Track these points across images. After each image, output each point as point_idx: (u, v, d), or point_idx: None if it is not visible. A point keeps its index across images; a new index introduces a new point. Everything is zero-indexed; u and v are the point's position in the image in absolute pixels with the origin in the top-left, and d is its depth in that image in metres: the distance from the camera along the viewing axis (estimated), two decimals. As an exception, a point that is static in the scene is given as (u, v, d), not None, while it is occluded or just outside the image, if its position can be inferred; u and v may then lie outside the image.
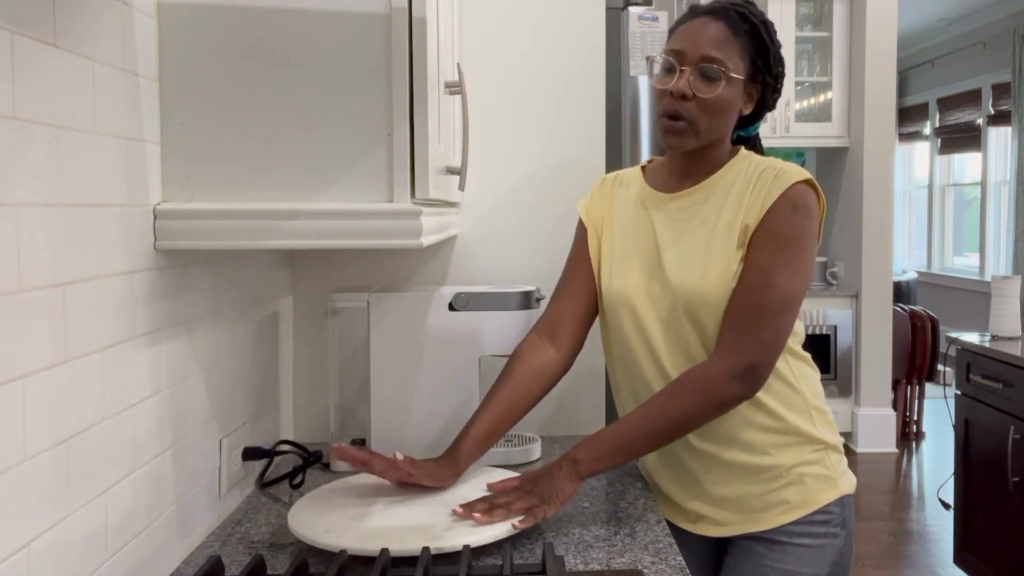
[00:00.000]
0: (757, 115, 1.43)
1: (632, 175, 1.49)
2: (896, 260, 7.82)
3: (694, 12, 1.35)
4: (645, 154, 2.01)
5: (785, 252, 1.29)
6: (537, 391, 1.44)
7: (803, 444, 1.37)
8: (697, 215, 1.36)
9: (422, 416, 1.61)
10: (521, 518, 1.23)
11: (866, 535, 3.88)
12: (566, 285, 1.50)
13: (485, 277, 1.86)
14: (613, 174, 1.53)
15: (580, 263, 1.49)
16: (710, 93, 1.31)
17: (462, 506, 1.26)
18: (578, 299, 1.48)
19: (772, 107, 1.42)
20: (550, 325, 1.48)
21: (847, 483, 1.40)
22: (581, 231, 1.51)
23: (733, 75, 1.32)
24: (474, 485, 1.39)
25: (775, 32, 1.38)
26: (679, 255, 1.35)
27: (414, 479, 1.34)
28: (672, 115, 1.33)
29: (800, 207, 1.30)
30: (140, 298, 1.10)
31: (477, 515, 1.23)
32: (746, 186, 1.34)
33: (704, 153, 1.38)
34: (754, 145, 1.49)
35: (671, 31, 1.38)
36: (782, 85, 1.40)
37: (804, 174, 1.32)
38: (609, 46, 1.89)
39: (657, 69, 1.36)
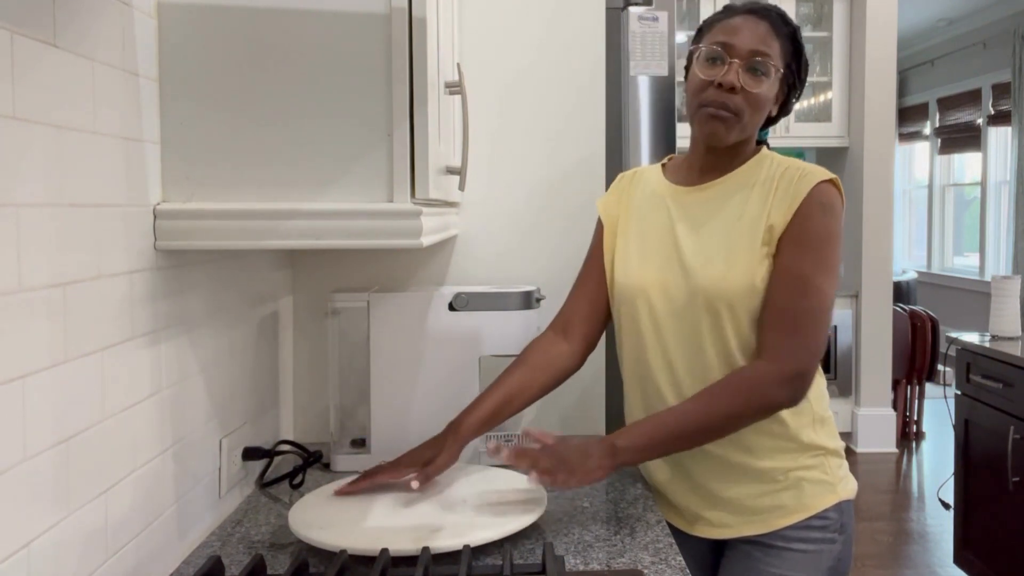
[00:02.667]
0: (776, 118, 1.42)
1: (651, 171, 1.50)
2: (896, 260, 7.82)
3: (733, 10, 1.35)
4: (645, 154, 2.01)
5: (819, 253, 1.29)
6: (546, 381, 1.44)
7: (801, 450, 1.36)
8: (717, 207, 1.36)
9: (422, 416, 1.61)
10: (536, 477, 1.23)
11: (866, 535, 3.88)
12: (581, 283, 1.51)
13: (485, 277, 1.86)
14: (632, 171, 1.53)
15: (595, 261, 1.50)
16: (758, 87, 1.31)
17: (495, 445, 1.28)
18: (591, 297, 1.49)
19: (789, 111, 1.43)
20: (563, 322, 1.49)
21: (846, 489, 1.39)
22: (599, 229, 1.51)
23: (777, 72, 1.32)
24: (474, 484, 1.39)
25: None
26: (698, 246, 1.35)
27: (430, 481, 1.33)
28: (719, 105, 1.31)
29: (827, 207, 1.30)
30: (140, 298, 1.10)
31: (506, 452, 1.25)
32: (769, 184, 1.34)
33: (733, 149, 1.38)
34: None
35: (706, 28, 1.36)
36: (802, 91, 1.41)
37: (828, 173, 1.32)
38: (609, 46, 1.89)
39: (700, 59, 1.34)
